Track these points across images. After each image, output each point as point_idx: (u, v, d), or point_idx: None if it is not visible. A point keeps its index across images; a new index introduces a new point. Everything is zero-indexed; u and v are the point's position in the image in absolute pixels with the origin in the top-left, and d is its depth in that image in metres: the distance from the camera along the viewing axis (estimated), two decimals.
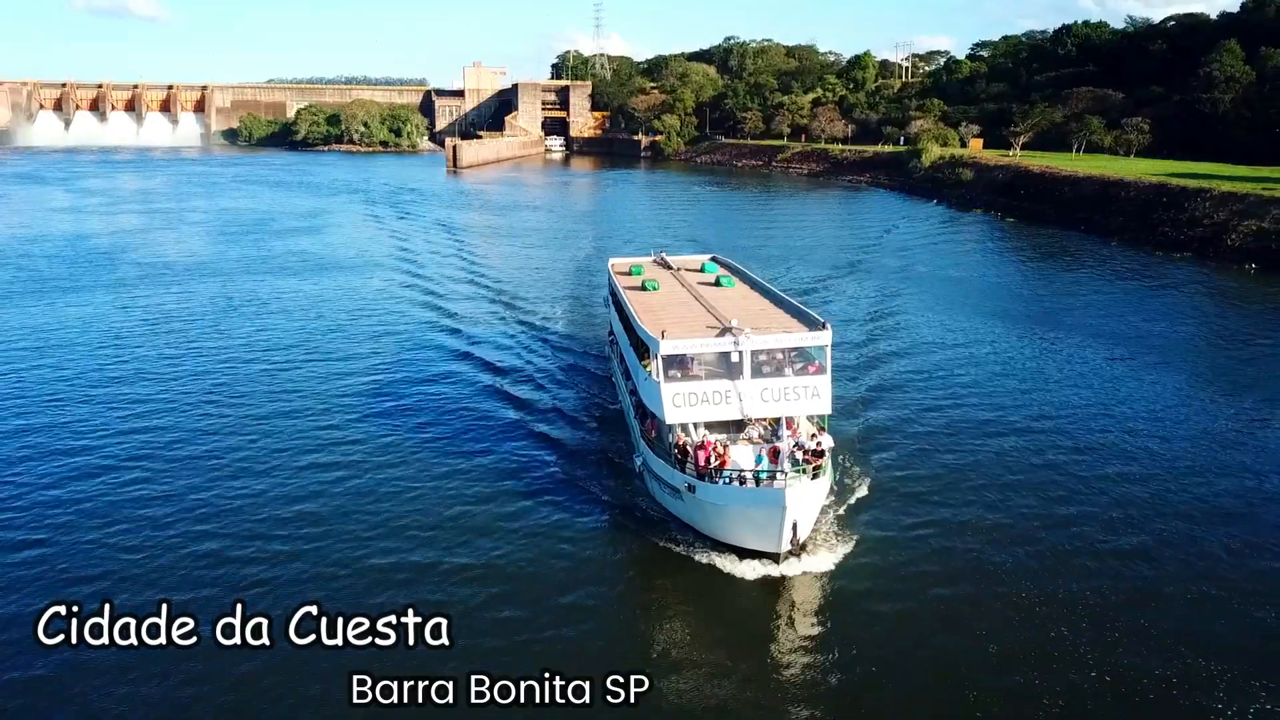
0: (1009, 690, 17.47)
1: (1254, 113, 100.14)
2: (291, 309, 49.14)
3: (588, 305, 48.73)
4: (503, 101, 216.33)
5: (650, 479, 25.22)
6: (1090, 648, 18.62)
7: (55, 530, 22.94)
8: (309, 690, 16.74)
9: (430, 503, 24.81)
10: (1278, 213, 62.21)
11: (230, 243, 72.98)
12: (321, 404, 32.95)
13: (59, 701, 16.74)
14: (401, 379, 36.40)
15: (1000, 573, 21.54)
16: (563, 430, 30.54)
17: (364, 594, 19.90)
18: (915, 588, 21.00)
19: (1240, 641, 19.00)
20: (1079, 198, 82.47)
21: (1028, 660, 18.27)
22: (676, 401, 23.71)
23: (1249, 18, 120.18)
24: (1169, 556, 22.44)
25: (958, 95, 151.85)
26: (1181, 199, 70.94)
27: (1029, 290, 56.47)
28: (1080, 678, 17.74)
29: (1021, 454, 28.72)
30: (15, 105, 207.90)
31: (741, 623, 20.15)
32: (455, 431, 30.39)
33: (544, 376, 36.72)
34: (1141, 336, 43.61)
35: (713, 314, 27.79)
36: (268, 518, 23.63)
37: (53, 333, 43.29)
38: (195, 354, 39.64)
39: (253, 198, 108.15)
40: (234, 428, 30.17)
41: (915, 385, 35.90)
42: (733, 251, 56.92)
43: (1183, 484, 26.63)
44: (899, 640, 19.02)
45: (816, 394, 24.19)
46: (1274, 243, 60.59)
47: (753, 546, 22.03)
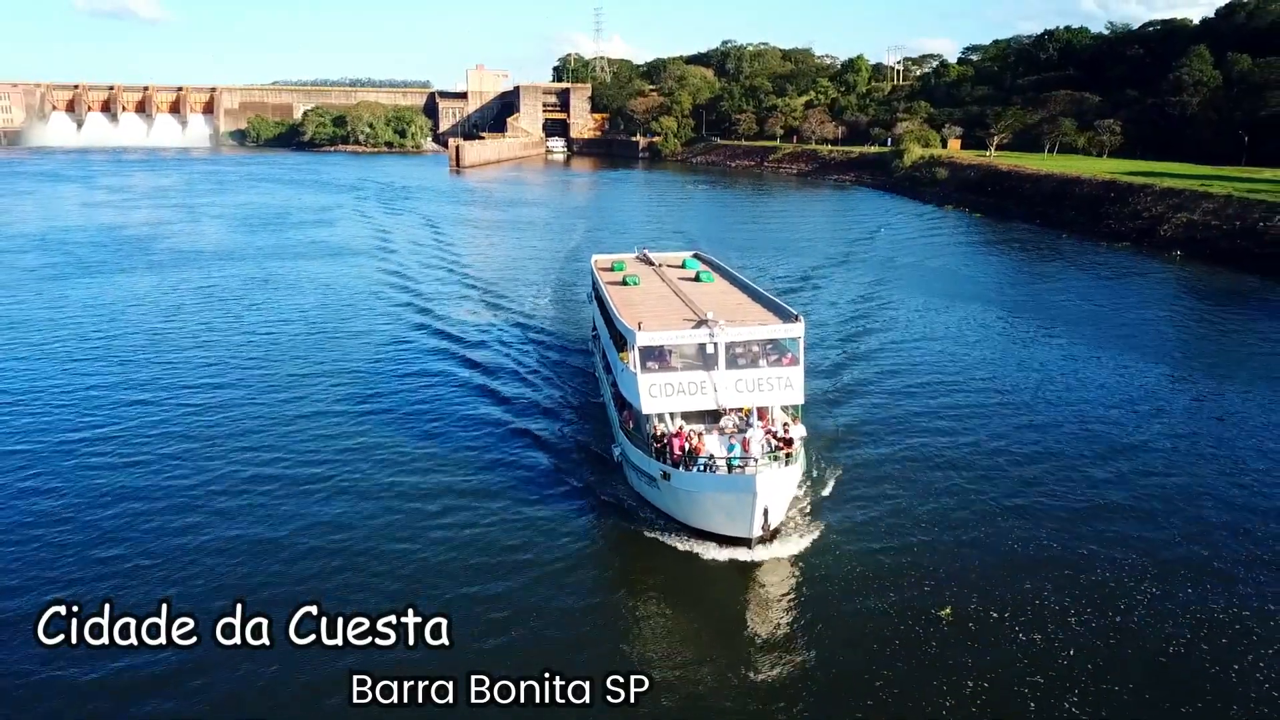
0: (979, 670, 17.93)
1: (1220, 115, 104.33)
2: (298, 298, 51.82)
3: (576, 298, 49.96)
4: (505, 103, 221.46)
5: (629, 468, 25.65)
6: (1061, 629, 19.24)
7: (55, 531, 22.90)
8: (309, 690, 16.84)
9: (429, 500, 24.94)
10: (1207, 206, 68.01)
11: (252, 233, 78.19)
12: (318, 402, 33.00)
13: (59, 702, 16.76)
14: (403, 373, 36.75)
15: (970, 557, 22.17)
16: (547, 424, 31.00)
17: (360, 593, 20.13)
18: (884, 571, 21.56)
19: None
20: (1039, 194, 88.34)
21: (997, 641, 18.85)
22: (653, 392, 24.18)
23: (1220, 24, 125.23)
24: (1133, 524, 23.89)
25: (944, 98, 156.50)
26: (1128, 194, 76.78)
27: (989, 277, 61.25)
28: (1052, 659, 18.32)
29: (997, 442, 29.72)
30: (29, 106, 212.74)
31: (715, 607, 20.57)
32: (449, 428, 30.65)
33: (542, 368, 37.51)
34: (1086, 318, 47.72)
35: (690, 308, 28.31)
36: (267, 518, 23.66)
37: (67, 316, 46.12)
38: (188, 348, 40.02)
39: (268, 194, 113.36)
40: (232, 428, 30.10)
41: (886, 375, 37.15)
42: (718, 244, 62.10)
43: (1129, 452, 28.64)
44: (869, 623, 19.57)
45: (789, 385, 24.82)
46: (1198, 233, 66.51)
47: (726, 532, 22.38)
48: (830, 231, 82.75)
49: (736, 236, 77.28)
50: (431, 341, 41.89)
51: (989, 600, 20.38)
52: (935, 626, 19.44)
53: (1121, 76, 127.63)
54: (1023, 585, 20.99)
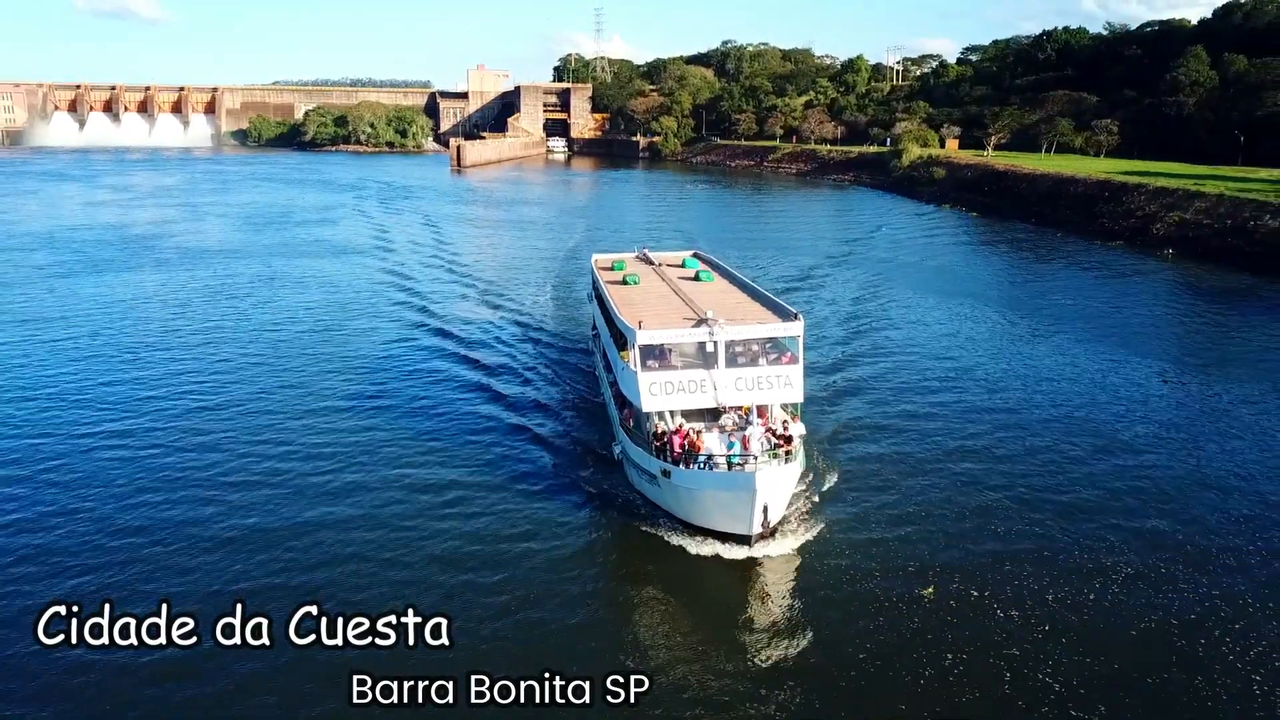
0: (977, 667, 18.04)
1: (1216, 115, 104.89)
2: (302, 295, 52.75)
3: (576, 296, 50.41)
4: (505, 103, 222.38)
5: (629, 466, 25.81)
6: (1061, 626, 19.39)
7: (55, 529, 23.07)
8: (309, 690, 16.88)
9: (430, 495, 25.21)
10: (1199, 204, 68.92)
11: (257, 231, 79.16)
12: (318, 399, 33.24)
13: (59, 702, 16.80)
14: (404, 370, 37.13)
15: (967, 554, 22.40)
16: (548, 423, 31.22)
17: (361, 590, 20.32)
18: (881, 565, 21.73)
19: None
20: (1035, 193, 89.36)
21: (996, 638, 18.94)
22: (653, 390, 24.33)
23: (1217, 25, 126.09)
24: (1123, 519, 24.29)
25: (943, 98, 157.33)
26: (1121, 194, 77.75)
27: (984, 275, 62.22)
28: (1053, 651, 18.40)
29: (990, 437, 30.22)
30: (31, 106, 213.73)
31: (715, 604, 20.75)
32: (449, 425, 30.90)
33: (541, 366, 37.90)
34: (1079, 315, 48.50)
35: (690, 307, 28.43)
36: (266, 518, 23.78)
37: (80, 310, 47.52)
38: (196, 346, 40.45)
39: (272, 193, 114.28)
40: (237, 425, 30.33)
41: (885, 373, 37.55)
42: (717, 243, 62.72)
43: (1116, 445, 29.20)
44: (867, 617, 19.73)
45: (789, 383, 25.02)
46: (1190, 231, 67.48)
47: (726, 529, 22.50)
48: (829, 231, 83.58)
49: (735, 235, 78.14)
50: (432, 340, 42.33)
51: (974, 584, 20.99)
52: (933, 618, 19.71)
53: (1119, 77, 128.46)
54: (1004, 569, 21.64)
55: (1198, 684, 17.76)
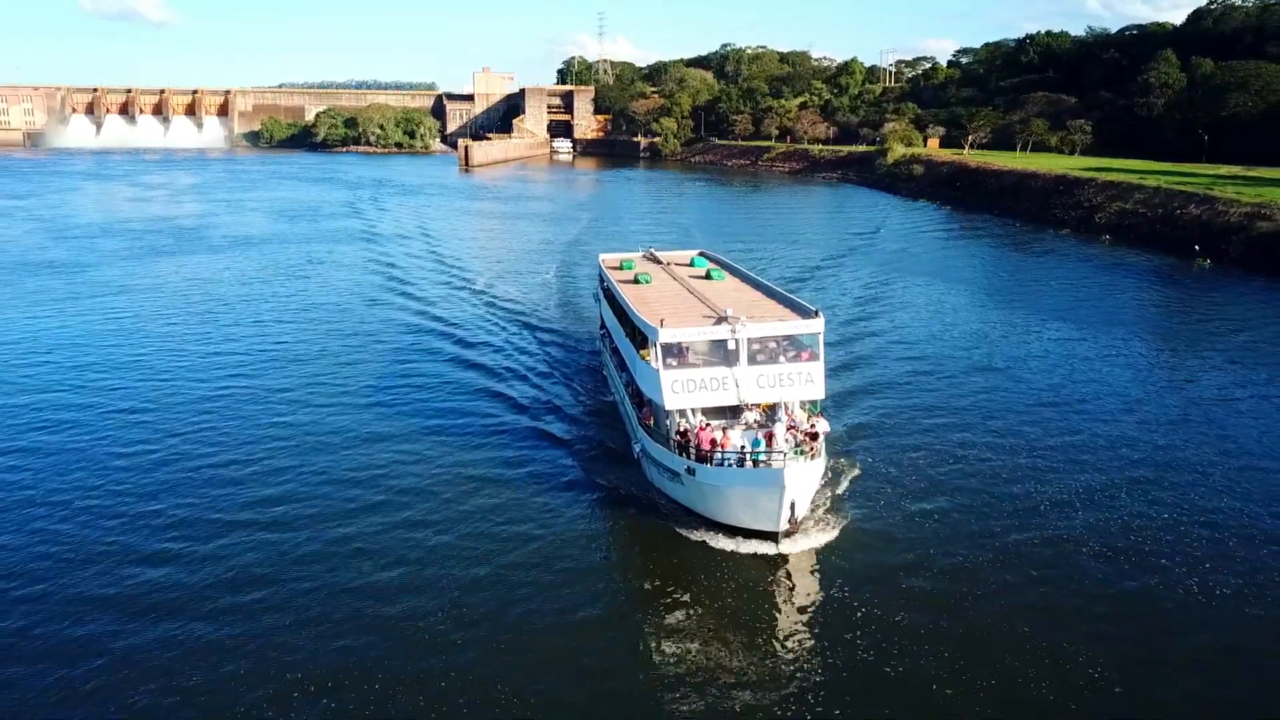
0: (997, 661, 18.14)
1: (1183, 115, 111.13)
2: (349, 276, 59.94)
3: (582, 287, 52.42)
4: (510, 105, 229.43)
5: (648, 464, 25.70)
6: (1085, 619, 19.49)
7: (55, 531, 23.51)
8: (309, 688, 17.27)
9: (448, 489, 25.72)
10: (1138, 196, 76.82)
11: (290, 222, 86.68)
12: (326, 397, 34.13)
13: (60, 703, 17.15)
14: (409, 368, 38.06)
15: (991, 548, 22.47)
16: (561, 423, 31.52)
17: (375, 577, 20.83)
18: (908, 562, 21.78)
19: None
20: (1000, 188, 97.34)
21: (1019, 632, 18.99)
22: (675, 388, 24.35)
23: (1189, 29, 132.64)
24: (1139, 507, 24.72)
25: (931, 99, 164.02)
26: (1075, 187, 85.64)
27: (945, 260, 68.57)
28: (1072, 648, 18.46)
29: (1008, 427, 30.95)
30: (50, 109, 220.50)
31: (744, 601, 20.57)
32: (459, 423, 31.34)
33: (554, 365, 38.77)
34: (1015, 291, 55.18)
35: (706, 305, 28.56)
36: (266, 516, 24.03)
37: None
38: (200, 336, 43.07)
39: (296, 190, 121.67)
40: (230, 428, 30.67)
41: (894, 370, 37.96)
42: (714, 235, 68.14)
43: (1124, 431, 30.52)
44: (894, 614, 19.64)
45: (810, 379, 25.07)
46: (1127, 220, 75.58)
47: (752, 526, 22.48)
48: (819, 222, 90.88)
49: (732, 228, 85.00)
50: (448, 330, 44.53)
51: (996, 577, 21.30)
52: (959, 616, 19.75)
53: (1097, 79, 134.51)
54: (1026, 561, 21.98)
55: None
